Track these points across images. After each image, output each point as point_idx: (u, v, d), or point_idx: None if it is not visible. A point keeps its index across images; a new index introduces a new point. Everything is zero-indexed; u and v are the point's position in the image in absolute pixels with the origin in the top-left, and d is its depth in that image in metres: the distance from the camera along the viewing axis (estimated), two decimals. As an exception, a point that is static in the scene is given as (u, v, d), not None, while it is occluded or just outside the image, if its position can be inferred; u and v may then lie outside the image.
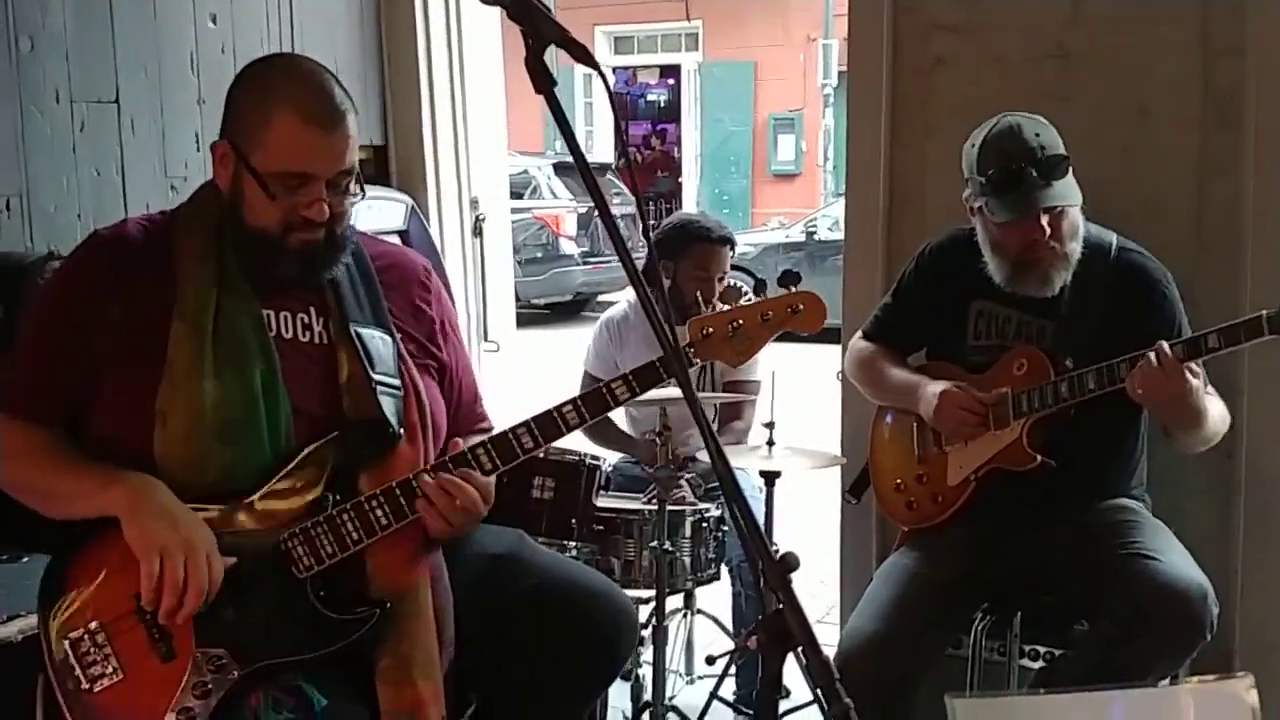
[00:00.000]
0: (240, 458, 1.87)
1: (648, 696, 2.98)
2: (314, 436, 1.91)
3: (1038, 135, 2.44)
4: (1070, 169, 2.46)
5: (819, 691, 1.24)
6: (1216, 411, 2.45)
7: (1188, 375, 2.26)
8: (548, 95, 1.47)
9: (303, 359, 1.96)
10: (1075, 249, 2.48)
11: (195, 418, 1.85)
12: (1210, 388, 2.51)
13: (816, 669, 1.25)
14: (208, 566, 1.79)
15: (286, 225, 1.89)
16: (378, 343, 1.98)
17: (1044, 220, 2.41)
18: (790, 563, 1.29)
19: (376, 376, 1.94)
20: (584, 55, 1.48)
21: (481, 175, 4.26)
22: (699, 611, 3.43)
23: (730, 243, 3.59)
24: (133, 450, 1.85)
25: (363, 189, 1.97)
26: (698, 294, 2.92)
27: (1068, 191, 2.44)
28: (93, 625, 1.82)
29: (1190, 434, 2.44)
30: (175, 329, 1.87)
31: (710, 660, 3.22)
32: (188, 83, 3.37)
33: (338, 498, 1.89)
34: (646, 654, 2.99)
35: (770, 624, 1.30)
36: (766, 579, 1.29)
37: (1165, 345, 2.27)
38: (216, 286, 1.90)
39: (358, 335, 1.97)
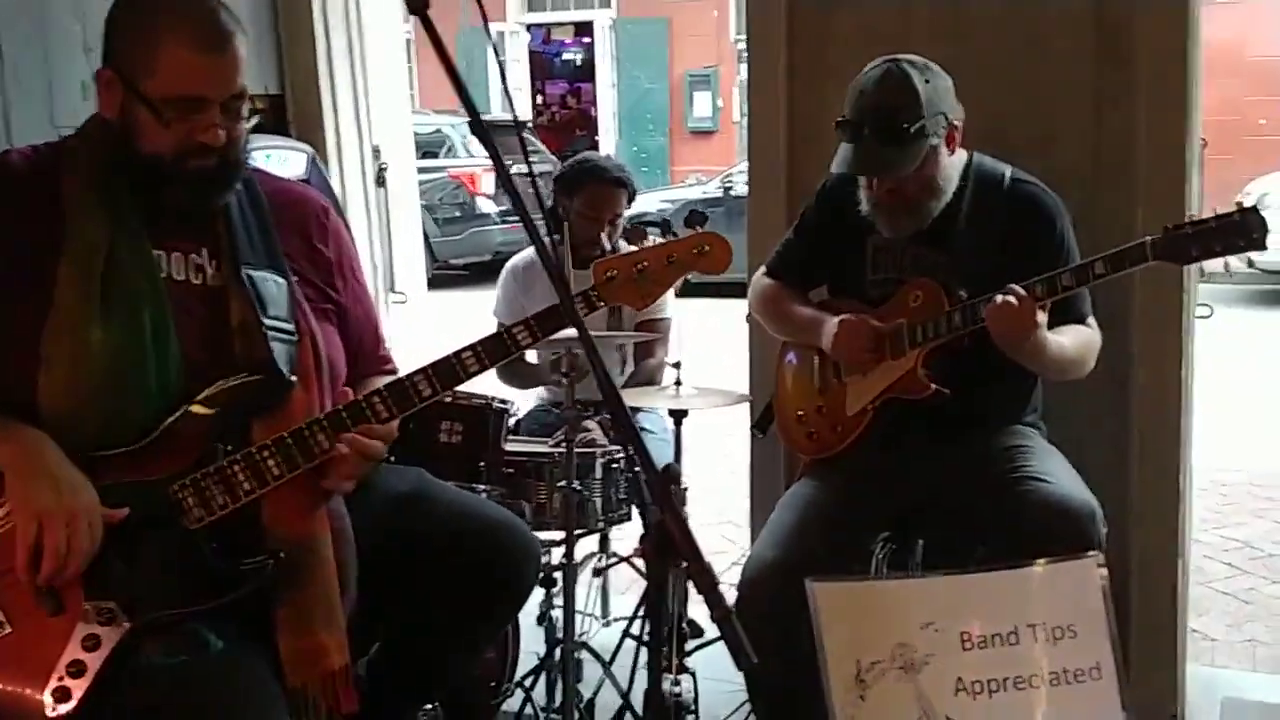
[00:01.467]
0: (129, 405, 1.82)
1: (559, 636, 3.00)
2: (204, 384, 1.86)
3: (897, 93, 2.42)
4: (916, 139, 2.42)
5: (703, 597, 1.25)
6: (1070, 345, 2.47)
7: (1036, 319, 2.30)
8: (420, 16, 1.44)
9: (194, 302, 1.91)
10: (933, 204, 2.52)
11: (82, 364, 1.79)
12: (1092, 320, 2.56)
13: (699, 576, 1.26)
14: (89, 532, 1.74)
15: (181, 151, 1.84)
16: (270, 285, 1.94)
17: (872, 179, 2.47)
18: (672, 473, 1.30)
19: (268, 322, 1.90)
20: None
21: (383, 124, 4.20)
22: (613, 555, 3.45)
23: (625, 185, 3.58)
24: (15, 396, 1.79)
25: (256, 113, 1.94)
26: (589, 235, 2.90)
27: (896, 160, 2.43)
28: None
29: (1033, 367, 2.48)
30: (63, 269, 1.81)
31: (597, 573, 3.23)
32: (72, 31, 3.26)
33: (229, 448, 1.85)
34: (559, 597, 3.00)
35: (655, 535, 1.31)
36: (649, 491, 1.30)
37: (1018, 287, 2.31)
38: (108, 224, 1.85)
39: (249, 278, 1.92)
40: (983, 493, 2.45)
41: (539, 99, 19.60)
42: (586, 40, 19.13)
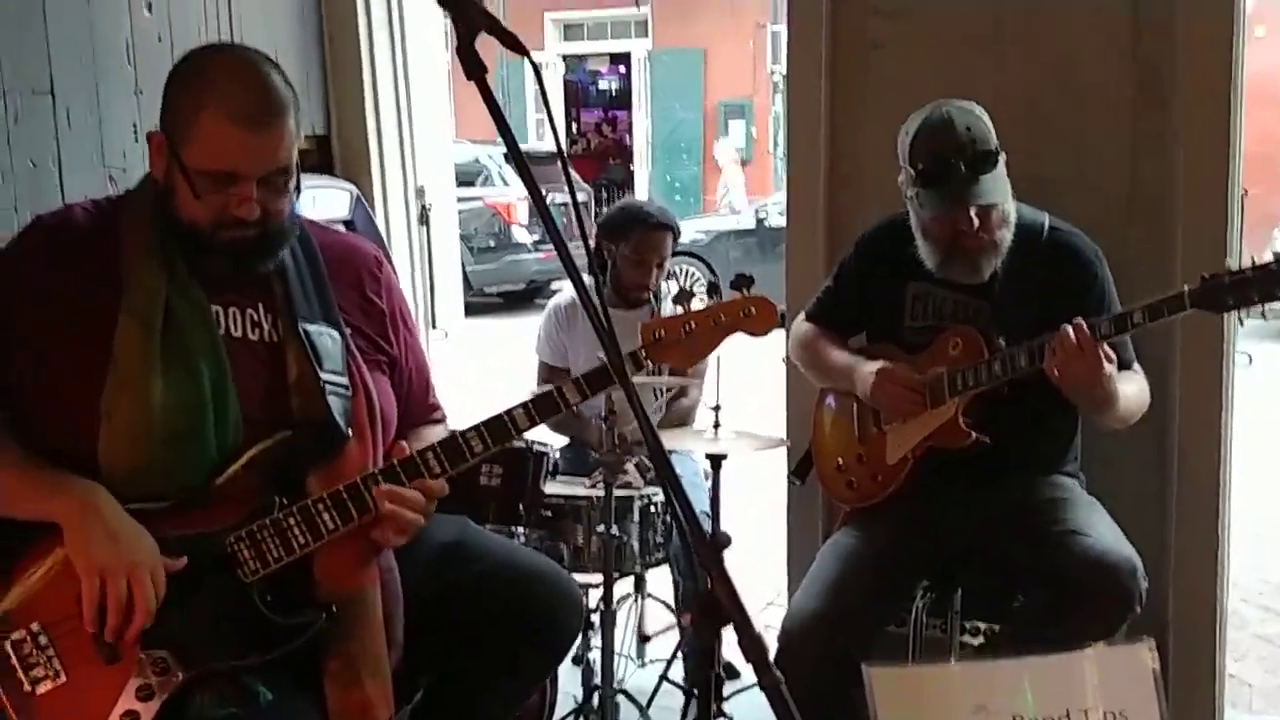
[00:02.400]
0: (187, 459, 1.84)
1: (597, 680, 3.00)
2: (261, 437, 1.88)
3: (969, 129, 2.47)
4: (1000, 162, 2.49)
5: (752, 665, 1.26)
6: (1133, 393, 2.48)
7: (1102, 357, 2.29)
8: (479, 82, 1.47)
9: (251, 358, 1.93)
10: (1006, 236, 2.52)
11: (141, 418, 1.81)
12: (1137, 365, 2.56)
13: (748, 644, 1.27)
14: (151, 585, 1.76)
15: (217, 222, 1.85)
16: (326, 340, 1.96)
17: (972, 213, 2.45)
18: (722, 541, 1.31)
19: (325, 376, 1.92)
20: (514, 43, 1.48)
21: (427, 163, 4.25)
22: (649, 595, 3.46)
23: (670, 229, 3.61)
24: (74, 447, 1.82)
25: (299, 186, 1.93)
26: (636, 279, 2.92)
27: (995, 187, 2.48)
28: (34, 627, 1.80)
29: (1102, 415, 2.48)
30: (123, 324, 1.83)
31: (645, 639, 3.24)
32: (124, 73, 3.33)
33: (284, 500, 1.87)
34: (597, 638, 3.01)
35: (703, 601, 1.32)
36: (699, 556, 1.31)
37: (1082, 321, 2.30)
38: (166, 281, 1.87)
39: (305, 333, 1.93)
40: (1023, 544, 2.45)
41: (574, 127, 19.73)
42: (622, 69, 19.26)
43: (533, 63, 1.51)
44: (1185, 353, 2.89)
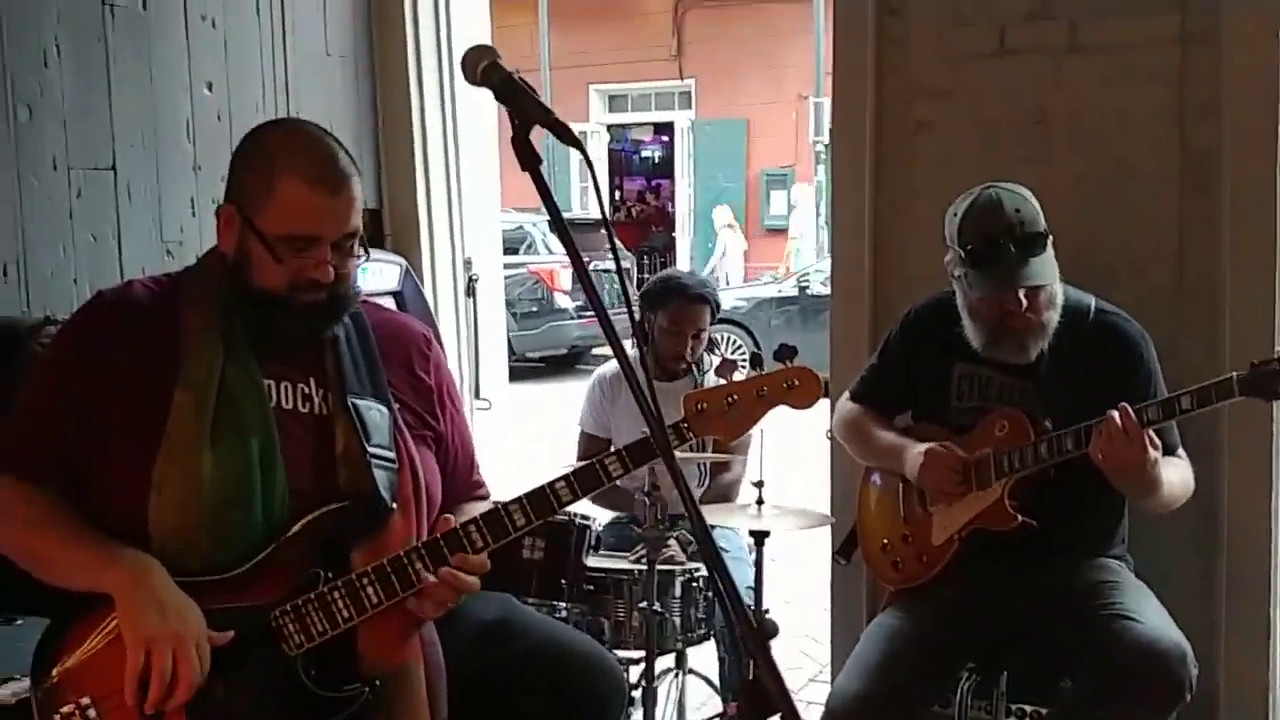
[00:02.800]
0: (235, 530, 1.87)
1: (639, 759, 2.98)
2: (307, 509, 1.90)
3: (1018, 210, 2.48)
4: (1049, 244, 2.51)
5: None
6: (1177, 478, 2.47)
7: (1147, 444, 2.28)
8: (533, 173, 1.51)
9: (300, 431, 1.96)
10: (1053, 317, 2.52)
11: (191, 489, 1.84)
12: (1181, 450, 2.55)
13: (795, 737, 1.27)
14: (196, 658, 1.78)
15: (293, 286, 1.90)
16: (374, 414, 1.98)
17: (1020, 294, 2.45)
18: (769, 630, 1.32)
19: (372, 450, 1.94)
20: (568, 136, 1.52)
21: (475, 234, 4.32)
22: (690, 671, 3.43)
23: (708, 302, 3.62)
24: (126, 519, 1.85)
25: (367, 250, 2.00)
26: (672, 349, 2.93)
27: (1044, 269, 2.49)
28: (84, 700, 1.81)
29: (1144, 501, 2.47)
30: (178, 399, 1.87)
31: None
32: (183, 149, 3.42)
33: (329, 574, 1.89)
34: (638, 715, 2.98)
35: (749, 690, 1.32)
36: (745, 645, 1.31)
37: (1128, 407, 2.30)
38: (223, 355, 1.91)
39: (354, 407, 1.96)
40: (1070, 628, 2.42)
41: (616, 195, 19.93)
42: (665, 138, 19.47)
43: (585, 156, 1.55)
44: (1233, 435, 2.87)
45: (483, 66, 1.56)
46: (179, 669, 1.77)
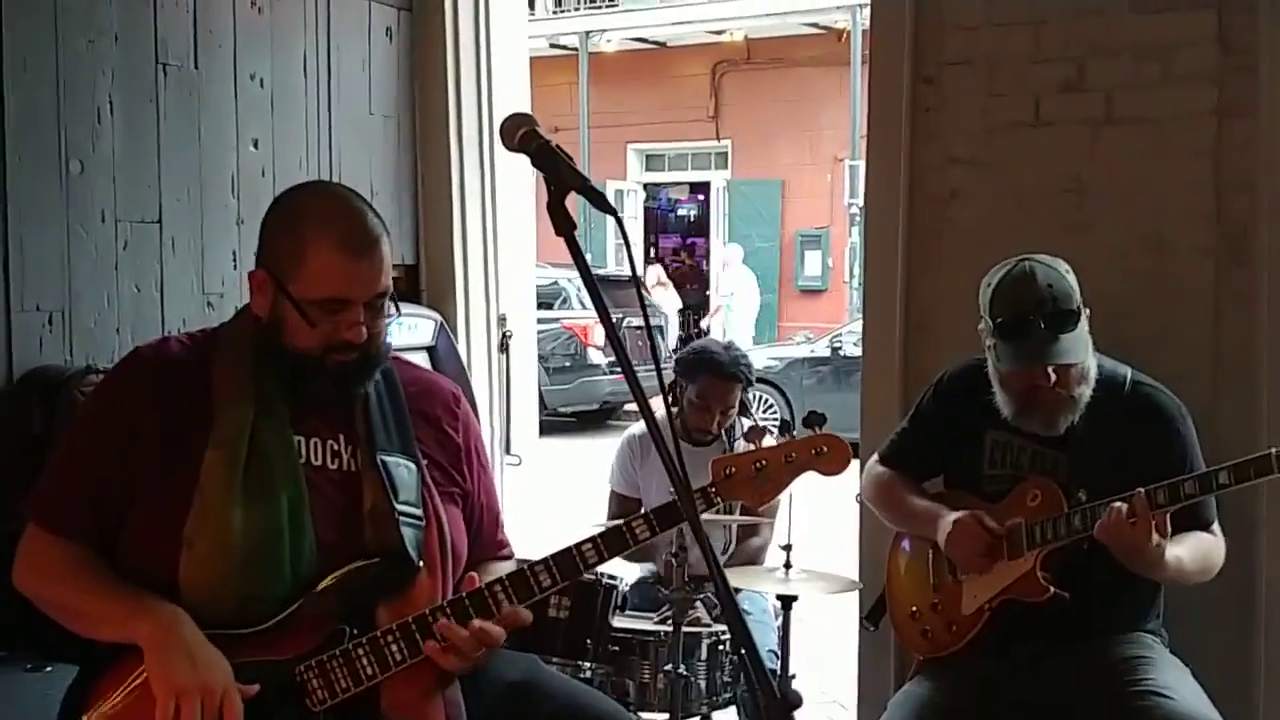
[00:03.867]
0: (264, 586, 1.88)
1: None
2: (335, 566, 1.91)
3: (1050, 286, 2.48)
4: (1083, 320, 2.50)
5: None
6: (1190, 557, 2.42)
7: (1151, 529, 2.26)
8: (568, 239, 1.53)
9: (329, 487, 1.97)
10: (1085, 391, 2.51)
11: (221, 545, 1.86)
12: (1216, 526, 2.52)
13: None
14: (222, 707, 1.78)
15: (326, 348, 1.92)
16: (403, 471, 2.00)
17: (1049, 370, 2.45)
18: (792, 700, 1.31)
19: (399, 507, 1.95)
20: (603, 204, 1.54)
21: (509, 291, 4.36)
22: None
23: (739, 379, 3.59)
24: (157, 574, 1.87)
25: (398, 308, 2.02)
26: (700, 422, 2.92)
27: (1075, 346, 2.48)
28: None
29: (1153, 577, 2.44)
30: (210, 457, 1.89)
31: None
32: (228, 204, 3.49)
33: (354, 631, 1.89)
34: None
35: (774, 763, 1.31)
36: (768, 716, 1.31)
37: (1142, 494, 2.29)
38: (254, 413, 1.93)
39: (383, 464, 1.98)
40: (1103, 704, 2.38)
41: (652, 252, 20.03)
42: (700, 197, 19.58)
43: (619, 222, 1.57)
44: (1271, 509, 2.84)
45: (521, 133, 1.60)
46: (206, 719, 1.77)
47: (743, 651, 1.35)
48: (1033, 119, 3.13)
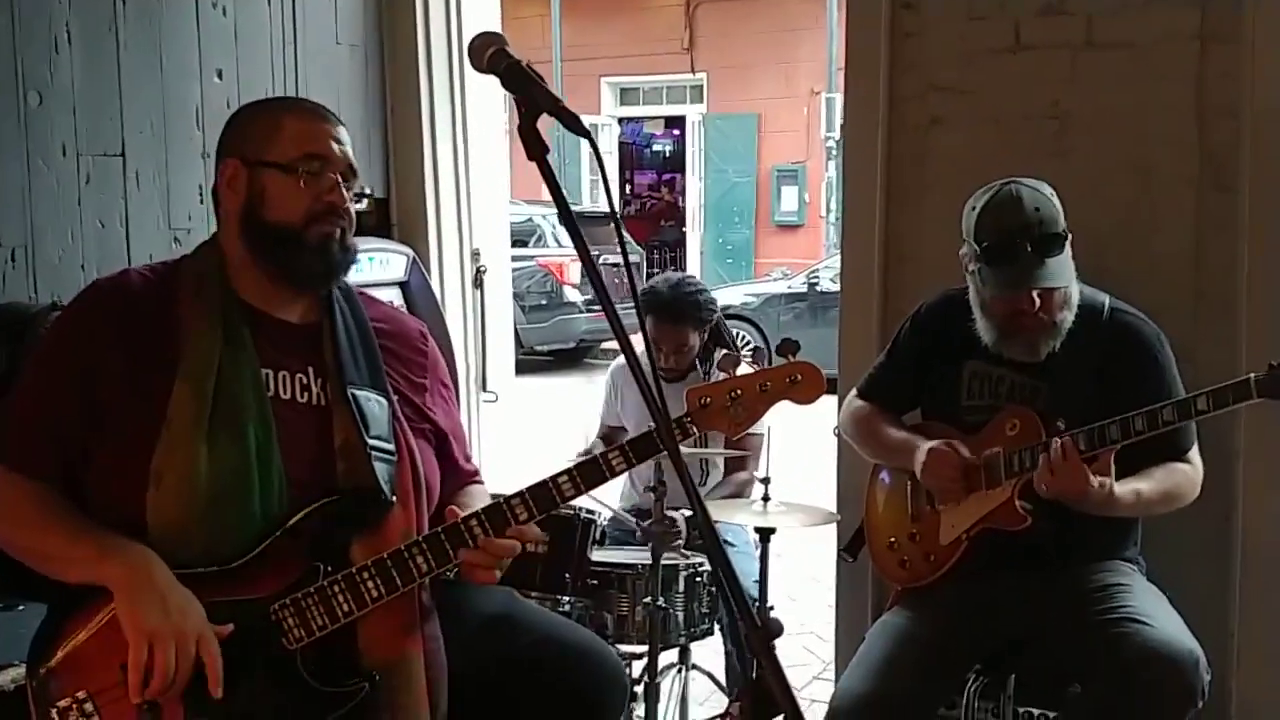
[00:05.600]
0: (232, 523, 1.85)
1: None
2: (306, 502, 1.88)
3: (1037, 209, 2.45)
4: (1067, 244, 2.47)
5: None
6: (1156, 491, 2.43)
7: (1089, 475, 2.27)
8: (540, 162, 1.49)
9: (299, 421, 1.94)
10: (1066, 317, 2.49)
11: (189, 480, 1.82)
12: (1195, 453, 2.52)
13: (799, 738, 1.24)
14: (196, 655, 1.76)
15: (309, 216, 1.93)
16: (374, 405, 1.97)
17: (1034, 294, 2.42)
18: (773, 629, 1.29)
19: (371, 441, 1.93)
20: (576, 125, 1.50)
21: (483, 226, 4.29)
22: (694, 667, 3.41)
23: (687, 321, 3.53)
24: (124, 512, 1.83)
25: (368, 197, 2.12)
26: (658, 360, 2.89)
27: (1060, 271, 2.45)
28: (80, 695, 1.80)
29: (1109, 514, 2.43)
30: (179, 388, 1.85)
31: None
32: (192, 137, 3.41)
33: (329, 567, 1.87)
34: (640, 710, 2.97)
35: (753, 690, 1.30)
36: (749, 645, 1.29)
37: (1066, 440, 2.30)
38: (220, 344, 1.90)
39: (354, 398, 1.95)
40: (1080, 631, 2.39)
41: (628, 189, 19.91)
42: (676, 132, 19.43)
43: (594, 145, 1.53)
44: (1249, 439, 2.84)
45: (490, 53, 1.55)
46: (180, 663, 1.75)
47: (723, 580, 1.33)
48: (1013, 44, 3.07)
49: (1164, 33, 2.92)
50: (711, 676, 3.44)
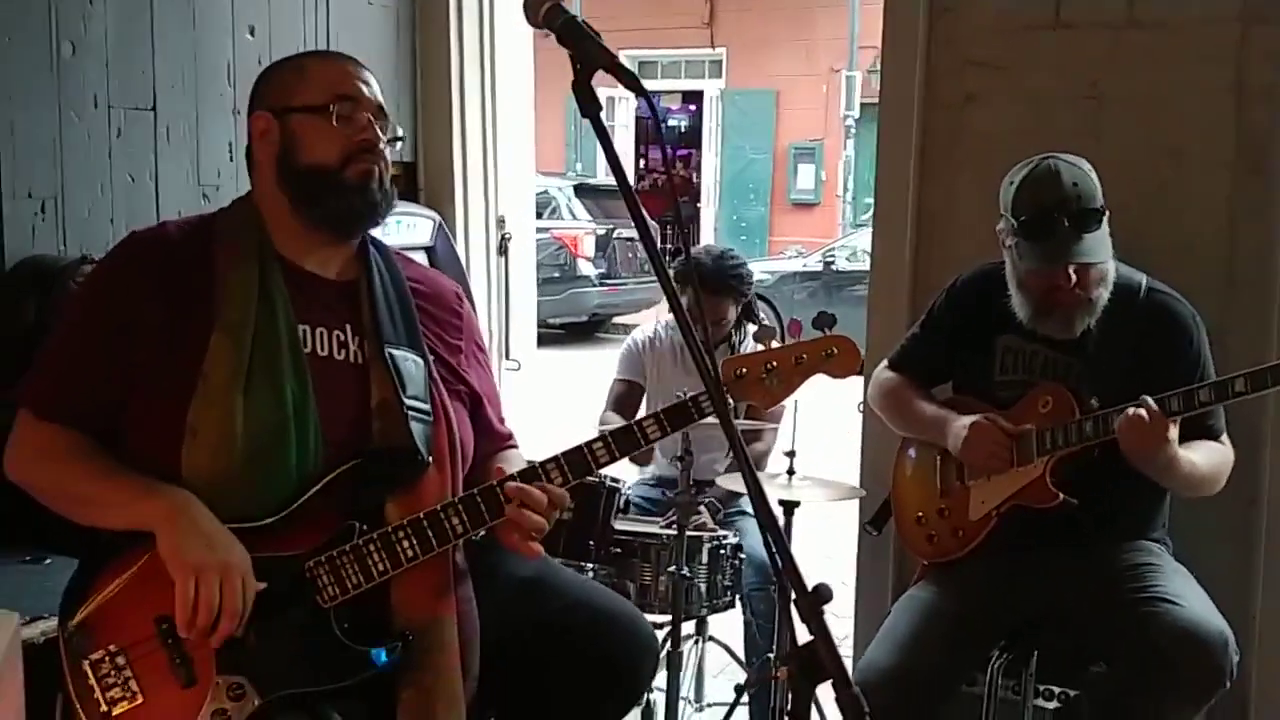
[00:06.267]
0: (268, 478, 1.84)
1: (660, 722, 2.97)
2: (341, 460, 1.88)
3: (1075, 185, 2.43)
4: (1105, 220, 2.46)
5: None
6: (1205, 465, 2.42)
7: (1167, 434, 2.26)
8: (594, 119, 1.47)
9: (335, 378, 1.93)
10: (1102, 294, 2.47)
11: (225, 434, 1.81)
12: (1225, 437, 2.51)
13: (846, 703, 1.24)
14: (243, 589, 1.76)
15: (345, 156, 1.92)
16: (410, 365, 1.96)
17: (1070, 270, 2.41)
18: (823, 594, 1.29)
19: (408, 401, 1.92)
20: (632, 82, 1.48)
21: (509, 194, 4.28)
22: (710, 639, 3.42)
23: (731, 293, 3.55)
24: (159, 463, 1.83)
25: (401, 139, 2.09)
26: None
27: (1098, 246, 2.44)
28: (113, 647, 1.80)
29: (1165, 484, 2.44)
30: (216, 340, 1.84)
31: (739, 689, 3.18)
32: (223, 93, 3.39)
33: (364, 526, 1.86)
34: (660, 679, 2.98)
35: (800, 656, 1.29)
36: (799, 610, 1.29)
37: (1150, 401, 2.27)
38: (257, 298, 1.89)
39: (391, 357, 1.94)
40: (1108, 610, 2.38)
41: (641, 163, 19.83)
42: (693, 107, 19.33)
43: (648, 99, 1.50)
44: (1277, 425, 2.82)
45: (546, 8, 1.54)
46: (225, 600, 1.75)
47: (771, 544, 1.33)
48: (1053, 20, 3.05)
49: (1205, 14, 2.90)
50: (728, 648, 3.45)
